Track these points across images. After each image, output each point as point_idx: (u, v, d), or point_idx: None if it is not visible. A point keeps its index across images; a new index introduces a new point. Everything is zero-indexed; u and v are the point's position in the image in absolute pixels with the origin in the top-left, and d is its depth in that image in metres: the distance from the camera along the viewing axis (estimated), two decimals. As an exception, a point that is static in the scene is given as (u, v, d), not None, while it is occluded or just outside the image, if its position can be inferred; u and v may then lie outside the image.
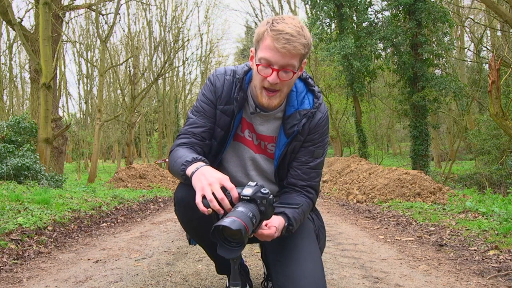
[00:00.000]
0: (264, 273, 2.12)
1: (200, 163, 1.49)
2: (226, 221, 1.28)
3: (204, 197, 1.37)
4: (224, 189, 1.39)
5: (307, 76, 1.75)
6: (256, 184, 1.42)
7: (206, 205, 1.38)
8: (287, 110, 1.70)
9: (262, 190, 1.41)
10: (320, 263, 1.64)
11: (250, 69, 1.72)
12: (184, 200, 1.63)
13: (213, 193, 1.36)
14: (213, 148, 1.76)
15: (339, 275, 2.36)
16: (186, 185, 1.62)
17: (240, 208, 1.35)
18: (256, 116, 1.72)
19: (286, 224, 1.55)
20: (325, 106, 1.77)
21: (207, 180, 1.39)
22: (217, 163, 1.79)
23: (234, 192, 1.39)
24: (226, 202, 1.36)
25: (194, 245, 1.98)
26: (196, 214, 1.56)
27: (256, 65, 1.55)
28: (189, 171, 1.47)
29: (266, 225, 1.48)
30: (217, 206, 1.35)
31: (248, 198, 1.39)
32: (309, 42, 1.54)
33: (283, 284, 1.57)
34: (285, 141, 1.71)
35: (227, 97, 1.70)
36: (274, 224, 1.50)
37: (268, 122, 1.73)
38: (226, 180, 1.40)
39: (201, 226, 1.69)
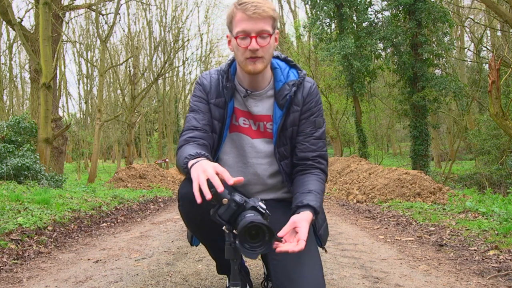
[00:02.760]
0: (264, 273, 2.12)
1: (201, 158, 1.52)
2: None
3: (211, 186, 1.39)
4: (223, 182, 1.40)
5: (285, 56, 1.88)
6: (266, 211, 1.45)
7: (215, 193, 1.39)
8: (276, 86, 1.80)
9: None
10: (319, 263, 1.65)
11: (233, 61, 1.83)
12: (189, 195, 1.63)
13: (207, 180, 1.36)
14: (215, 140, 1.82)
15: (339, 275, 2.36)
16: (190, 181, 1.63)
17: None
18: (249, 98, 1.80)
19: (314, 218, 1.59)
20: (311, 78, 1.88)
21: (202, 168, 1.41)
22: (217, 156, 1.85)
23: (226, 174, 1.37)
24: (217, 180, 1.34)
25: (196, 246, 1.97)
26: (200, 210, 1.57)
27: (235, 38, 1.65)
28: (190, 164, 1.51)
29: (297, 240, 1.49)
30: (199, 187, 1.34)
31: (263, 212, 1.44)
32: (274, 8, 1.67)
33: (282, 284, 1.58)
34: (281, 113, 1.78)
35: (216, 91, 1.81)
36: (303, 222, 1.52)
37: (261, 102, 1.81)
38: (218, 166, 1.41)
39: (204, 223, 1.68)
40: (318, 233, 1.81)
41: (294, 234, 1.51)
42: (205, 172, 1.38)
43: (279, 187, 1.89)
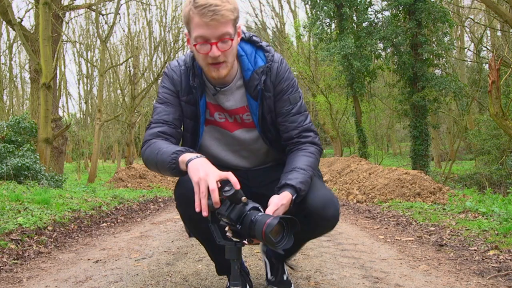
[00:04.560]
0: (266, 271, 2.09)
1: (194, 154, 1.48)
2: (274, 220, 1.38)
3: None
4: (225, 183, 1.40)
5: (250, 35, 1.73)
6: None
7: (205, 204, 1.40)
8: (245, 75, 1.69)
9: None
10: (329, 188, 1.73)
11: None
12: (184, 195, 1.62)
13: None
14: (187, 140, 1.77)
15: (339, 275, 2.36)
16: (186, 180, 1.61)
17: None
18: (219, 95, 1.71)
19: (293, 197, 1.55)
20: (278, 54, 1.74)
21: (205, 172, 1.38)
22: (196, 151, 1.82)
23: (233, 179, 1.39)
24: (216, 196, 1.35)
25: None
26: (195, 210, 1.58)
27: (194, 45, 1.54)
28: (184, 158, 1.46)
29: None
30: (198, 201, 1.37)
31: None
32: (235, 6, 1.52)
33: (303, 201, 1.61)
34: (256, 104, 1.71)
35: (187, 87, 1.70)
36: (282, 207, 1.50)
37: (232, 95, 1.72)
38: (231, 175, 1.40)
39: (201, 222, 1.66)
40: None
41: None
42: (207, 179, 1.36)
43: (267, 162, 1.89)
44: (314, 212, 1.61)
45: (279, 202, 1.51)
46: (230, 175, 1.38)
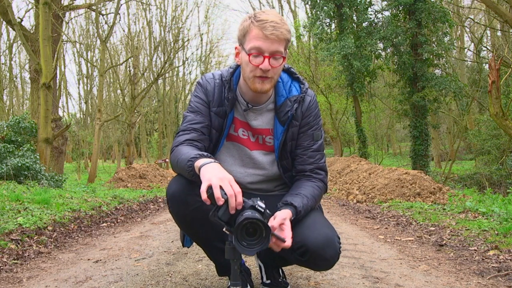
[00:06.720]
0: (262, 275, 2.08)
1: (209, 159, 1.52)
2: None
3: (209, 187, 1.40)
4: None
5: (289, 67, 1.85)
6: (266, 210, 1.49)
7: (211, 195, 1.40)
8: (277, 100, 1.78)
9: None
10: (331, 225, 1.74)
11: (235, 70, 1.79)
12: (176, 195, 1.65)
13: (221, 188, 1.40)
14: (209, 149, 1.80)
15: (339, 275, 2.36)
16: (176, 180, 1.66)
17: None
18: (249, 112, 1.79)
19: (293, 218, 1.60)
20: (312, 90, 1.86)
21: (221, 174, 1.43)
22: None
23: (239, 197, 1.42)
24: (240, 198, 1.40)
25: (188, 247, 1.97)
26: (189, 208, 1.62)
27: (248, 54, 1.62)
28: (198, 163, 1.50)
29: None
30: (218, 195, 1.39)
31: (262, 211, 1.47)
32: (290, 30, 1.66)
33: (303, 235, 1.64)
34: (282, 130, 1.78)
35: (219, 99, 1.77)
36: (288, 220, 1.56)
37: (261, 116, 1.80)
38: (234, 182, 1.44)
39: (195, 222, 1.69)
40: None
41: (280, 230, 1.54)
42: (222, 181, 1.40)
43: (272, 190, 1.94)
44: (313, 251, 1.62)
45: (284, 216, 1.57)
46: (226, 183, 1.42)
